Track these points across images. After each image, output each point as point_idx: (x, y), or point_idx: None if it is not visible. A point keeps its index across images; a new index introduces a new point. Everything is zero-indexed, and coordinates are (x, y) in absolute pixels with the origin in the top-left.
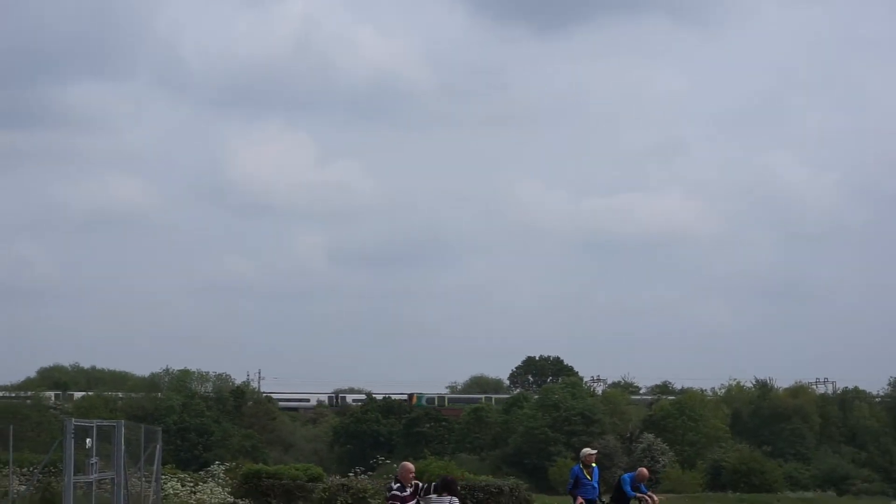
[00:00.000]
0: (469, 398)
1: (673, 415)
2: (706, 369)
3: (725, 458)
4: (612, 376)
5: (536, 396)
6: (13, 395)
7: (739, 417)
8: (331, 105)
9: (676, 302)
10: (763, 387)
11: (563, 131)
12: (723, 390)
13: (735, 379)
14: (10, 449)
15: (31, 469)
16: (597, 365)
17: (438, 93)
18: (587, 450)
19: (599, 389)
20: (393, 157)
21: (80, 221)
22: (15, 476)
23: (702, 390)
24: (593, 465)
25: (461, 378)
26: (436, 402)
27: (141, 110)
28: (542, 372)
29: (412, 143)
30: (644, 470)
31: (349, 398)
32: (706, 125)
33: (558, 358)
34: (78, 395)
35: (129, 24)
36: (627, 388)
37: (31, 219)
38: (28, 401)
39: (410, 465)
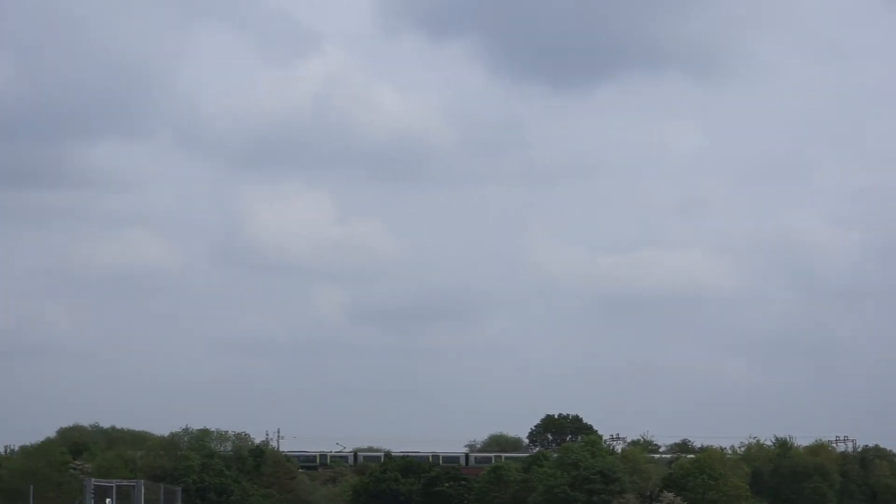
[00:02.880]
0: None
1: (693, 473)
2: (726, 427)
3: None
4: (632, 434)
5: (556, 455)
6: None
7: (759, 476)
8: (351, 164)
9: (696, 359)
10: (783, 445)
11: (582, 187)
12: (743, 448)
13: (755, 437)
14: None
15: None
16: (616, 423)
17: (458, 150)
18: None
19: (619, 448)
20: (413, 214)
21: (100, 280)
22: None
23: (721, 448)
24: None
25: (480, 436)
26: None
27: (163, 168)
28: (562, 430)
29: (432, 200)
30: None
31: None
32: (727, 182)
33: (577, 416)
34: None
35: (151, 82)
36: (647, 446)
37: (53, 278)
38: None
39: None
